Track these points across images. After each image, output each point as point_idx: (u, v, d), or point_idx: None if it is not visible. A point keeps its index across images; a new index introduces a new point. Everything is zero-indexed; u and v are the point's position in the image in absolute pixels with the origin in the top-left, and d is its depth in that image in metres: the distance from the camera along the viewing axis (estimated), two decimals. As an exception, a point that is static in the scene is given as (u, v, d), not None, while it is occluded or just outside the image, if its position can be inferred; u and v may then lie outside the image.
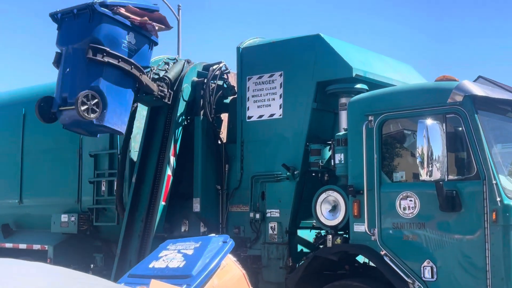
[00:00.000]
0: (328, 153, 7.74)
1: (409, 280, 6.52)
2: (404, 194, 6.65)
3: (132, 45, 8.13)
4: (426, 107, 6.62)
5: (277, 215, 7.98)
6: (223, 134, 9.00)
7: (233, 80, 9.03)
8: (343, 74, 7.70)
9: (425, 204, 6.53)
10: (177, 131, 8.79)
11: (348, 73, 7.64)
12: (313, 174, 7.82)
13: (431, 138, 6.15)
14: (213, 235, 6.38)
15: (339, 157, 7.26)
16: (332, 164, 7.41)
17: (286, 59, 8.19)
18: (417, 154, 6.22)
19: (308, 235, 8.05)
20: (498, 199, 6.14)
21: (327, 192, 7.35)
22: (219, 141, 8.77)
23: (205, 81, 8.75)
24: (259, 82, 8.34)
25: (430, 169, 6.13)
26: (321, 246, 7.48)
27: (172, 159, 8.74)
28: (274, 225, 7.96)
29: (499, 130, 6.94)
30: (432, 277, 6.43)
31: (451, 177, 6.38)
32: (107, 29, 7.85)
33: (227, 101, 9.07)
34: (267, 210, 8.05)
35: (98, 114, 7.71)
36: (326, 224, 7.33)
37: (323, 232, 7.61)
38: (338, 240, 7.18)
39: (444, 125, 6.41)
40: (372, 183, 6.85)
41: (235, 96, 8.76)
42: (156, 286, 5.10)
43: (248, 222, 8.20)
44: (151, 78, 8.58)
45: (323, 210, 7.35)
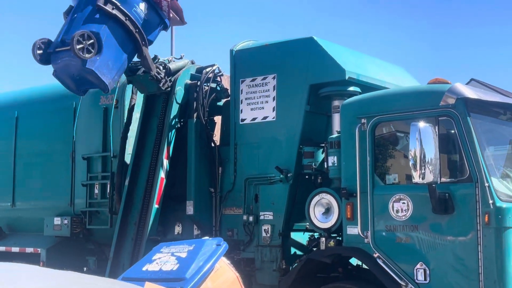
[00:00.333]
0: (321, 156, 7.75)
1: (402, 283, 6.53)
2: (397, 197, 6.67)
3: (143, 15, 8.14)
4: (418, 110, 6.65)
5: (271, 217, 7.98)
6: (217, 136, 9.00)
7: (226, 83, 9.03)
8: (336, 77, 7.71)
9: (418, 207, 6.55)
10: (170, 133, 8.79)
11: (341, 76, 7.66)
12: (306, 176, 7.83)
13: (423, 140, 6.17)
14: (207, 238, 6.39)
15: (332, 160, 7.27)
16: (325, 166, 7.42)
17: (280, 62, 8.20)
18: (410, 157, 6.24)
19: (301, 237, 8.06)
20: (491, 201, 6.17)
21: (320, 194, 7.36)
22: (212, 144, 8.77)
23: (199, 83, 8.76)
24: (253, 84, 8.36)
25: (422, 171, 6.15)
26: (314, 249, 7.49)
27: (165, 162, 8.74)
28: (268, 228, 7.97)
29: (492, 132, 6.96)
30: (425, 279, 6.45)
31: (443, 180, 6.40)
32: None
33: (221, 103, 9.08)
34: (261, 213, 8.06)
35: (93, 55, 7.63)
36: (320, 226, 7.34)
37: (316, 235, 7.62)
38: (332, 243, 7.19)
39: (437, 127, 6.43)
40: (365, 186, 6.86)
41: (229, 98, 8.77)
42: (149, 289, 5.09)
43: (241, 225, 8.20)
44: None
45: (316, 212, 7.36)
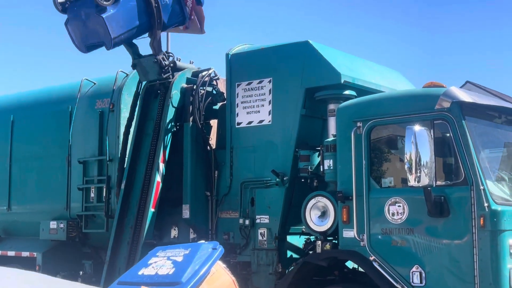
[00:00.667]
0: (317, 159, 7.76)
1: (398, 286, 6.54)
2: (392, 200, 6.69)
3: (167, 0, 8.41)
4: (414, 113, 6.67)
5: (267, 221, 7.98)
6: (213, 140, 9.01)
7: (222, 86, 9.05)
8: (331, 81, 7.73)
9: (413, 210, 6.56)
10: (166, 137, 8.79)
11: (337, 80, 7.67)
12: (302, 180, 7.83)
13: (419, 144, 6.19)
14: (203, 241, 6.40)
15: (328, 163, 7.29)
16: (321, 170, 7.44)
17: (275, 66, 8.22)
18: (406, 160, 6.26)
19: (297, 241, 8.07)
20: (486, 204, 6.18)
21: (316, 198, 7.38)
22: (208, 147, 8.78)
23: (194, 87, 8.77)
24: (248, 88, 8.37)
25: (418, 175, 6.17)
26: (310, 252, 7.49)
27: (162, 166, 8.74)
28: (264, 231, 7.97)
29: (487, 136, 6.99)
30: (421, 282, 6.46)
31: (439, 183, 6.42)
32: None
33: (216, 107, 9.09)
34: (257, 216, 8.06)
35: (110, 3, 7.94)
36: (316, 230, 7.35)
37: (312, 238, 7.63)
38: (328, 246, 7.20)
39: (432, 131, 6.45)
40: (361, 189, 6.88)
41: (225, 102, 8.78)
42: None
43: (237, 228, 8.21)
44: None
45: (312, 216, 7.37)
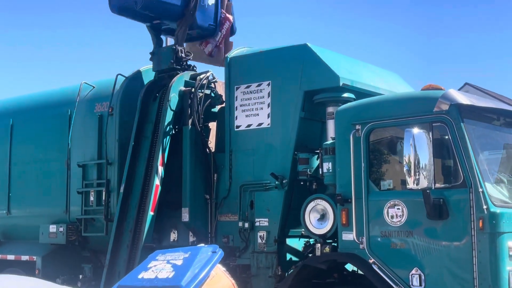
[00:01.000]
0: (316, 162, 7.77)
1: (397, 288, 6.55)
2: (391, 203, 6.69)
3: (207, 2, 9.06)
4: (412, 116, 6.68)
5: (266, 224, 7.99)
6: (212, 143, 9.02)
7: (221, 89, 9.05)
8: (330, 84, 7.74)
9: (412, 212, 6.57)
10: (165, 140, 8.80)
11: (335, 82, 7.68)
12: (302, 183, 7.84)
13: (417, 146, 6.21)
14: (202, 245, 6.39)
15: (327, 166, 7.30)
16: (320, 173, 7.45)
17: (274, 69, 8.23)
18: (404, 163, 6.27)
19: (297, 243, 8.07)
20: (485, 207, 6.19)
21: (315, 200, 7.38)
22: (207, 151, 8.78)
23: (193, 90, 8.77)
24: (247, 91, 8.38)
25: (417, 177, 6.18)
26: (310, 255, 7.49)
27: (160, 169, 8.74)
28: (263, 234, 7.97)
29: (485, 138, 7.00)
30: (420, 284, 6.46)
31: (438, 185, 6.43)
32: None
33: (215, 110, 9.10)
34: (256, 219, 8.06)
35: None
36: (315, 232, 7.35)
37: (312, 241, 7.63)
38: (327, 249, 7.21)
39: (431, 133, 6.46)
40: (360, 192, 6.88)
41: (223, 105, 8.79)
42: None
43: (237, 231, 8.21)
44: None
45: (311, 218, 7.38)
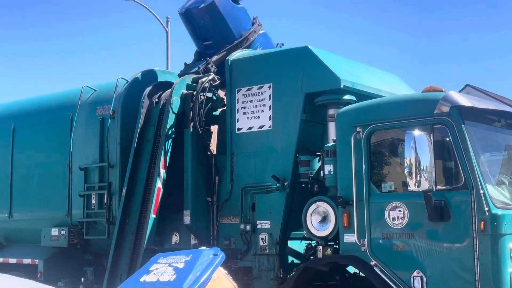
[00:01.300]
0: (317, 164, 7.77)
1: (399, 290, 6.55)
2: (393, 205, 6.70)
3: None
4: (413, 118, 6.68)
5: (268, 226, 7.99)
6: (213, 146, 9.02)
7: (222, 92, 9.06)
8: (331, 86, 7.75)
9: (414, 214, 6.57)
10: (167, 143, 8.80)
11: (336, 85, 7.69)
12: (303, 185, 7.85)
13: (418, 148, 6.21)
14: (204, 248, 6.40)
15: (328, 168, 7.30)
16: (322, 175, 7.45)
17: (275, 71, 8.24)
18: (405, 165, 6.27)
19: (298, 246, 8.07)
20: (486, 208, 6.20)
21: (317, 203, 7.39)
22: (209, 153, 8.79)
23: (195, 93, 8.78)
24: (248, 94, 8.39)
25: (418, 179, 6.18)
26: (311, 257, 7.50)
27: (162, 172, 8.75)
28: (265, 237, 7.98)
29: (486, 139, 7.00)
30: (422, 286, 6.46)
31: (439, 187, 6.43)
32: None
33: (217, 113, 9.11)
34: (258, 222, 8.07)
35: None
36: (316, 235, 7.36)
37: (313, 243, 7.63)
38: (329, 251, 7.21)
39: (432, 135, 6.47)
40: (361, 194, 6.88)
41: (225, 108, 8.80)
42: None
43: (238, 234, 8.22)
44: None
45: (313, 221, 7.38)
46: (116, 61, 43.39)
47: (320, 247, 7.26)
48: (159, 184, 8.70)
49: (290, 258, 8.03)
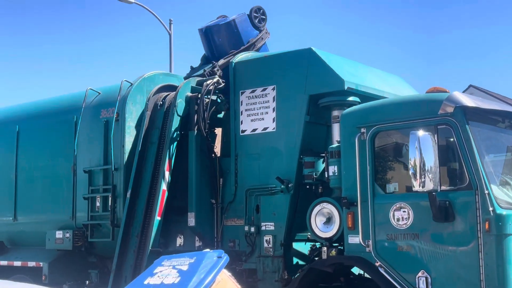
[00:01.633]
0: (321, 166, 7.78)
1: (404, 291, 6.54)
2: (397, 205, 6.69)
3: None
4: (417, 119, 6.68)
5: (272, 228, 8.00)
6: (217, 148, 9.03)
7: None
8: (335, 87, 7.76)
9: (418, 215, 6.57)
10: (171, 146, 8.82)
11: (340, 86, 7.70)
12: (307, 186, 7.85)
13: (423, 149, 6.21)
14: (208, 250, 6.40)
15: (333, 170, 7.30)
16: (326, 176, 7.45)
17: (279, 73, 8.25)
18: (410, 165, 6.27)
19: (303, 247, 8.07)
20: (491, 208, 6.19)
21: (321, 204, 7.39)
22: (213, 155, 8.80)
23: (199, 96, 8.80)
24: (252, 96, 8.40)
25: (422, 180, 6.18)
26: (316, 259, 7.50)
27: (167, 174, 8.76)
28: (269, 238, 7.98)
29: (490, 140, 6.99)
30: (426, 287, 6.45)
31: (443, 188, 6.42)
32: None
33: (221, 115, 9.12)
34: (262, 223, 8.07)
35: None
36: (321, 236, 7.36)
37: (318, 244, 7.64)
38: (333, 252, 7.21)
39: (436, 136, 6.46)
40: (366, 195, 6.88)
41: (229, 110, 8.80)
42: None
43: (243, 236, 8.22)
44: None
45: (317, 222, 7.38)
46: (120, 64, 43.51)
47: (324, 248, 7.27)
48: (163, 187, 8.71)
49: (294, 260, 8.04)
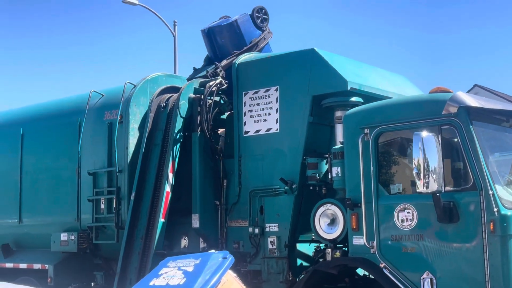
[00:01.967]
0: (325, 167, 7.77)
1: (409, 292, 6.53)
2: (401, 206, 6.68)
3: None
4: (421, 119, 6.67)
5: (276, 229, 8.00)
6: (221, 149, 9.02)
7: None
8: (338, 88, 7.74)
9: (422, 216, 6.56)
10: (175, 147, 8.83)
11: (343, 87, 7.69)
12: (311, 187, 7.85)
13: (426, 149, 6.19)
14: (213, 251, 6.41)
15: (336, 171, 7.29)
16: (330, 177, 7.44)
17: (282, 74, 8.24)
18: (414, 166, 6.26)
19: (307, 248, 8.06)
20: (495, 209, 6.17)
21: (325, 205, 7.38)
22: (216, 157, 8.80)
23: (202, 97, 8.80)
24: (255, 97, 8.40)
25: (426, 180, 6.17)
26: (320, 260, 7.50)
27: (171, 176, 8.77)
28: (274, 240, 7.98)
29: (494, 140, 6.97)
30: (431, 288, 6.45)
31: (448, 189, 6.41)
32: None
33: (224, 116, 9.12)
34: (266, 225, 8.07)
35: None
36: (325, 237, 7.35)
37: (322, 246, 7.63)
38: (338, 253, 7.20)
39: (440, 136, 6.45)
40: (370, 196, 6.87)
41: (232, 111, 8.81)
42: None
43: (247, 237, 8.22)
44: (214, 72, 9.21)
45: (321, 223, 7.38)
46: (124, 65, 43.59)
47: (329, 250, 7.26)
48: (167, 188, 8.72)
49: (299, 261, 8.03)
